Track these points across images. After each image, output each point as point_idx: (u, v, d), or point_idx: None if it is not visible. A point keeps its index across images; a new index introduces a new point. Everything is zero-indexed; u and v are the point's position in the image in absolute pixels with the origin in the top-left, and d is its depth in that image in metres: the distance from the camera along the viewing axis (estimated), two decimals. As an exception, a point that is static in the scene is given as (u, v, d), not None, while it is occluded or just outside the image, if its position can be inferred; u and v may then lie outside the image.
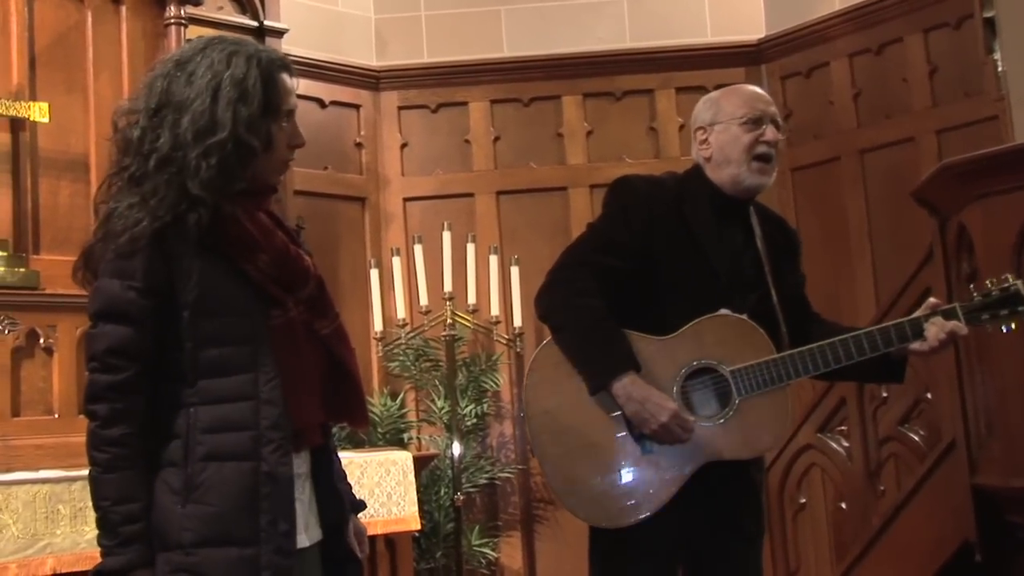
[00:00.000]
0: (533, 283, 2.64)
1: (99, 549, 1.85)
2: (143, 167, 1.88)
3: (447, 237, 5.26)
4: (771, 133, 2.57)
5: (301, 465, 1.96)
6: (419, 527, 4.17)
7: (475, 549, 5.24)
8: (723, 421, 2.47)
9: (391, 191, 5.77)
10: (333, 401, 2.01)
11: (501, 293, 5.33)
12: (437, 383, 5.39)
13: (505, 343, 5.42)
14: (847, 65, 5.42)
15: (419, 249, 5.28)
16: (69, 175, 3.98)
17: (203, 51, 1.93)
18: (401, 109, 5.82)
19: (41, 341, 3.79)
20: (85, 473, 1.88)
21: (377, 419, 5.24)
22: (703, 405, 2.49)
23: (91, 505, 1.86)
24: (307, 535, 1.96)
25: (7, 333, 3.69)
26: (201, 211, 1.85)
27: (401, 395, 5.48)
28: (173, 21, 4.22)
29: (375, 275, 5.38)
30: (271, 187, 2.02)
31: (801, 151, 5.56)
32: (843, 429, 4.33)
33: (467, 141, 5.82)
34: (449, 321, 5.21)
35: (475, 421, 5.39)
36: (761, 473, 2.67)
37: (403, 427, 5.38)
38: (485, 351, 5.51)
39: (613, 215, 2.61)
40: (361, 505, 2.19)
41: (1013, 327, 2.49)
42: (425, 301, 5.22)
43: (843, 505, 4.32)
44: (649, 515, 2.44)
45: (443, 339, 5.26)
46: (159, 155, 1.87)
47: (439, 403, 5.33)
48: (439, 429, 5.37)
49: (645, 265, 2.53)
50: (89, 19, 4.10)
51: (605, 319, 2.48)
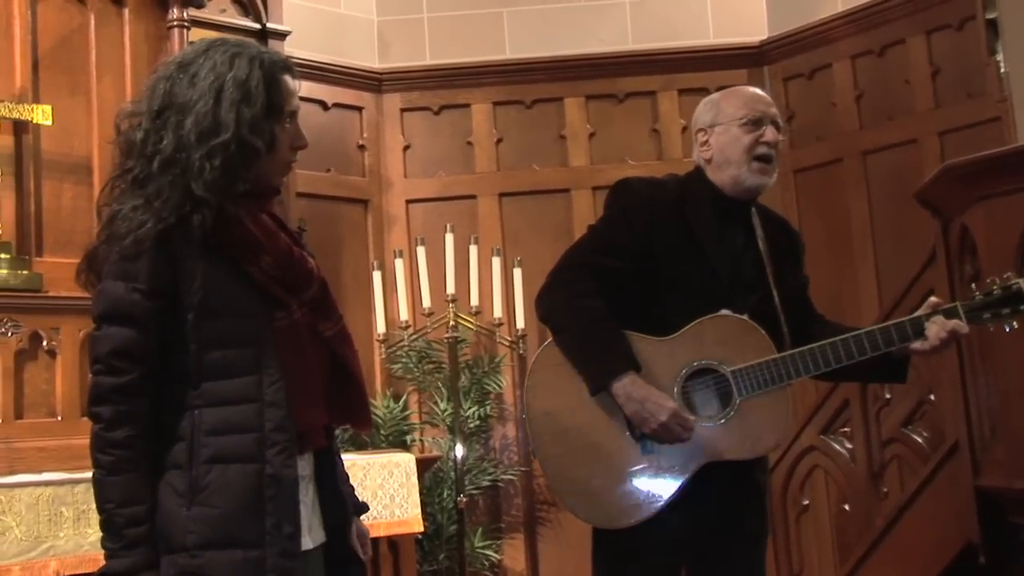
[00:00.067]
0: (536, 285, 2.64)
1: (103, 552, 1.85)
2: (146, 169, 1.88)
3: (450, 239, 5.25)
4: (771, 134, 2.58)
5: (305, 467, 1.96)
6: (422, 529, 4.18)
7: (478, 551, 5.24)
8: (724, 421, 2.47)
9: (394, 193, 5.77)
10: (336, 403, 2.01)
11: (504, 295, 5.33)
12: (440, 385, 5.40)
13: (508, 345, 5.42)
14: (849, 67, 5.42)
15: (422, 251, 5.28)
16: (72, 177, 3.99)
17: (206, 53, 1.93)
18: (404, 111, 5.82)
19: (44, 344, 3.79)
20: (88, 475, 1.88)
21: (380, 421, 5.24)
22: (704, 405, 2.49)
23: (95, 507, 1.86)
24: (311, 537, 1.96)
25: (10, 335, 3.69)
26: (205, 212, 1.84)
27: (404, 397, 5.48)
28: (176, 24, 4.22)
29: (378, 277, 5.38)
30: (274, 189, 2.03)
31: (803, 153, 5.56)
32: (846, 431, 4.32)
33: (469, 143, 5.82)
34: (452, 323, 5.21)
35: (478, 423, 5.39)
36: (765, 474, 2.67)
37: (406, 429, 5.38)
38: (488, 353, 5.52)
39: (614, 217, 2.61)
40: (364, 507, 2.19)
41: (1015, 325, 2.49)
42: (428, 303, 5.21)
43: (846, 507, 4.31)
44: (650, 515, 2.43)
45: (446, 341, 5.27)
46: (162, 157, 1.87)
47: (442, 405, 5.34)
48: (442, 431, 5.37)
49: (646, 266, 2.53)
50: (92, 22, 4.11)
51: (605, 320, 2.48)
